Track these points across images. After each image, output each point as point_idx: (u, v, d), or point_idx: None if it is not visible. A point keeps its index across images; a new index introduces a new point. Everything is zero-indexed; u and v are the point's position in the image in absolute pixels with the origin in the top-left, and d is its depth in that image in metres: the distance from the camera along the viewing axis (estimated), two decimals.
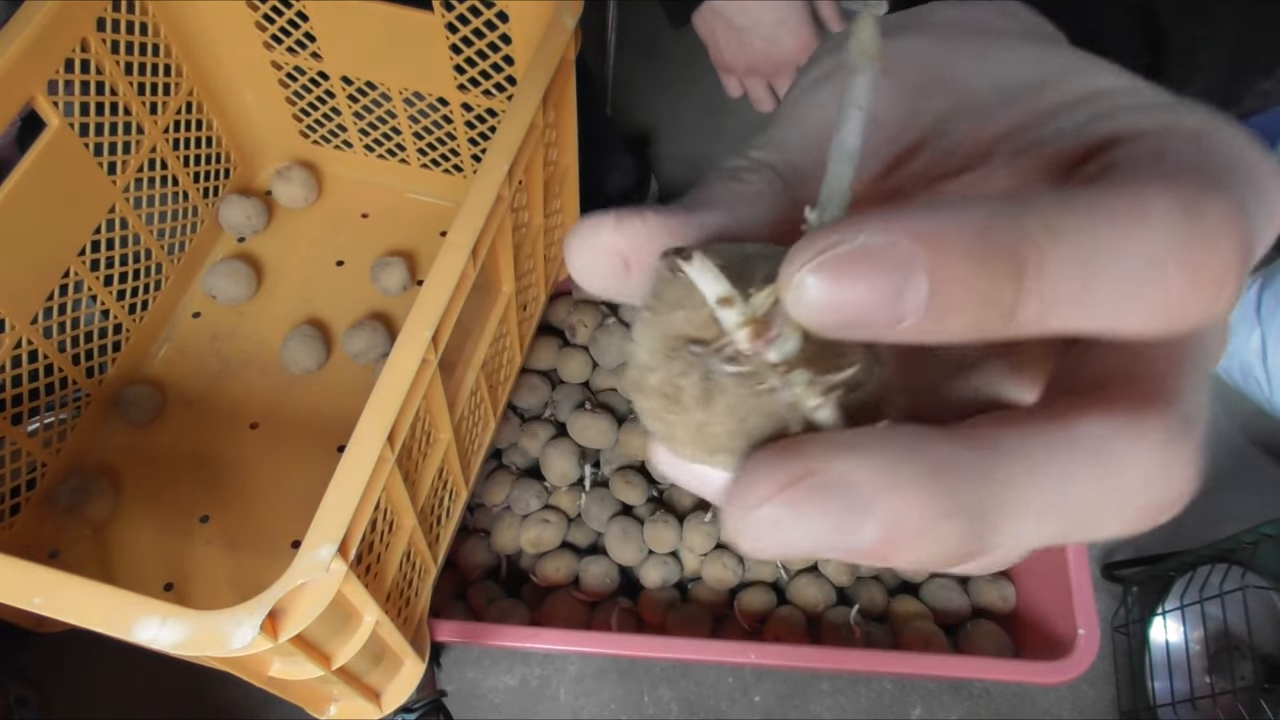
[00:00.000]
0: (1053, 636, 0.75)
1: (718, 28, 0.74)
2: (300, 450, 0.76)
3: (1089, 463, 0.13)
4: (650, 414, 0.15)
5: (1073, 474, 0.13)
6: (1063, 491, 0.13)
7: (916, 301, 0.12)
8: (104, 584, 0.44)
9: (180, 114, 0.76)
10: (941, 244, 0.12)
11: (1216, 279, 0.12)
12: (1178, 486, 0.14)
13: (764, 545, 0.13)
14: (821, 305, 0.12)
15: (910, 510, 0.12)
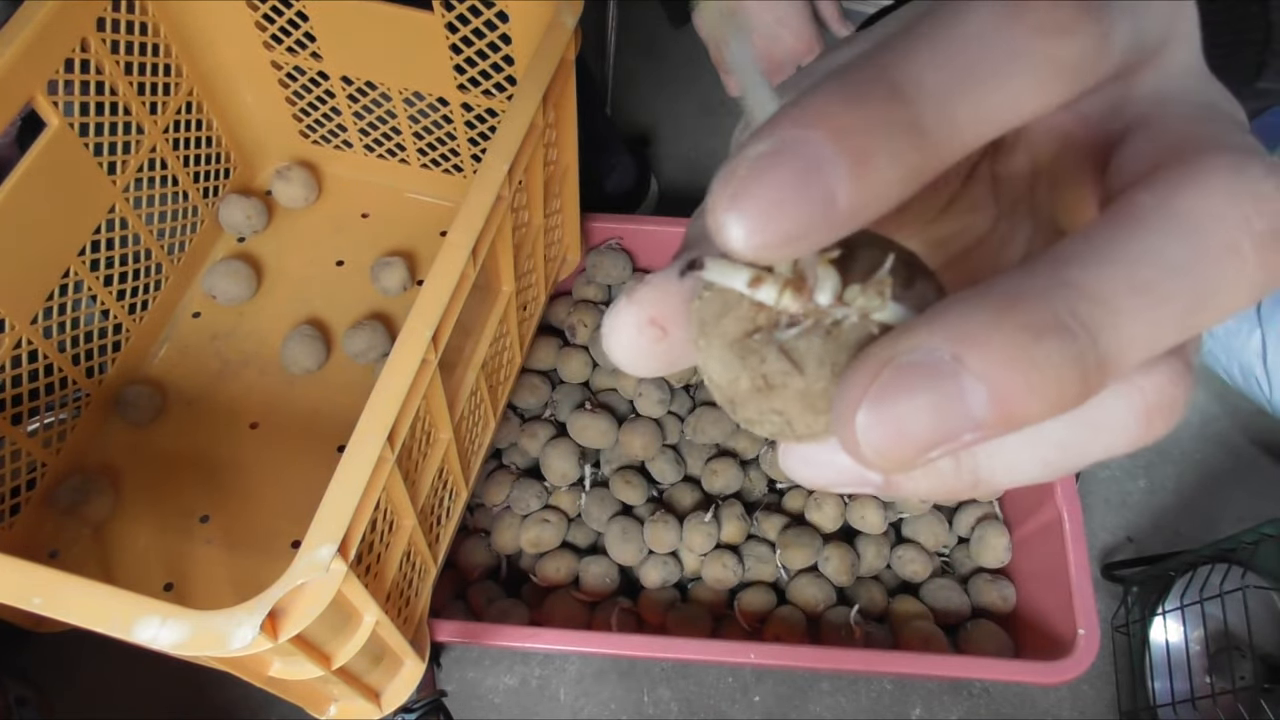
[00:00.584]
0: (1053, 636, 0.75)
1: None
2: (300, 450, 0.76)
3: (1167, 224, 0.12)
4: (761, 420, 0.14)
5: (1159, 243, 0.12)
6: (1158, 263, 0.12)
7: (834, 168, 0.12)
8: (104, 584, 0.44)
9: (180, 114, 0.76)
10: (820, 112, 0.12)
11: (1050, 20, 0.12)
12: (1276, 207, 0.12)
13: (882, 450, 0.12)
14: (748, 239, 0.12)
15: (1004, 349, 0.11)
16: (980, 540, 0.84)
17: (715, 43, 0.80)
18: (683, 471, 0.88)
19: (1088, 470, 1.06)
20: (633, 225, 0.92)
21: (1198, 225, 0.12)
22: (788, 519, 0.85)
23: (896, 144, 0.12)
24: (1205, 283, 0.12)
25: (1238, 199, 0.12)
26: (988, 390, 0.11)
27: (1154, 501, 1.05)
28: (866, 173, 0.12)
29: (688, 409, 0.90)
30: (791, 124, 0.12)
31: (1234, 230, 0.12)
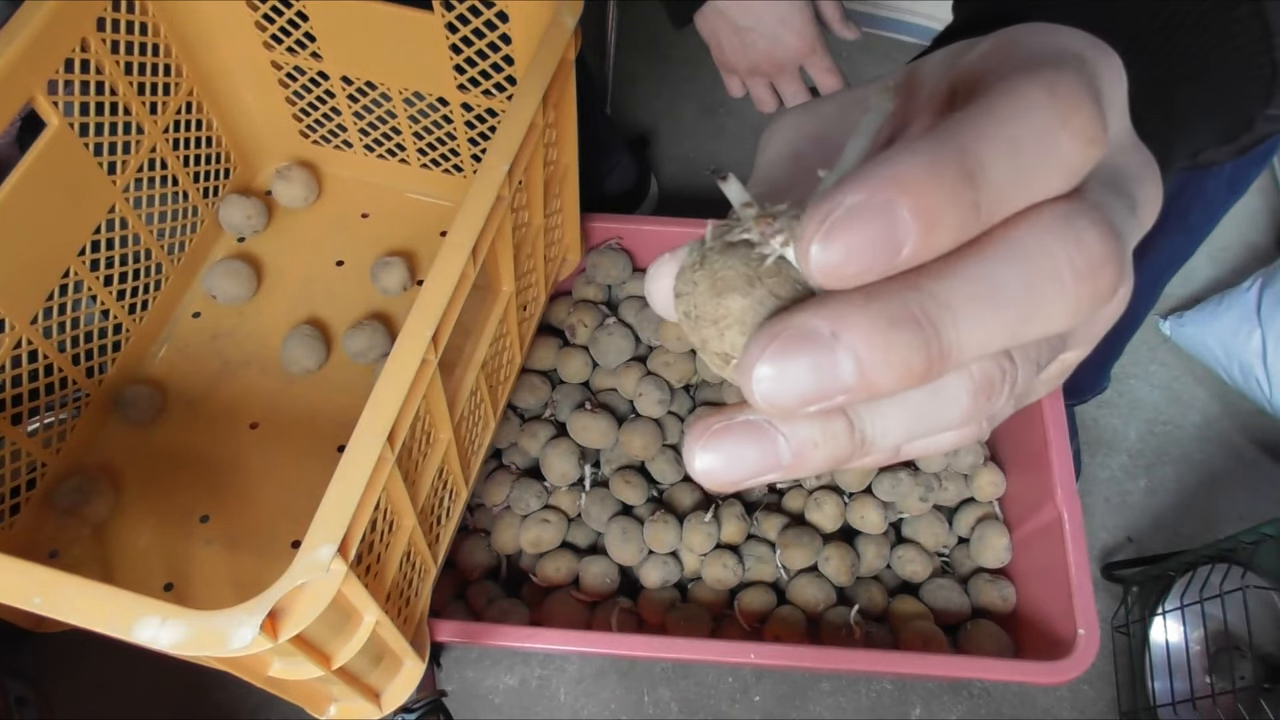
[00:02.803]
0: (1053, 636, 0.75)
1: (720, 27, 0.74)
2: (300, 450, 0.76)
3: (1007, 251, 0.16)
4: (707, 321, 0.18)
5: (998, 267, 0.16)
6: (994, 282, 0.16)
7: (907, 231, 0.15)
8: (104, 584, 0.43)
9: (180, 114, 0.76)
10: (908, 183, 0.15)
11: (1086, 132, 0.16)
12: (1093, 250, 0.16)
13: (771, 397, 0.16)
14: (830, 267, 0.15)
15: (868, 332, 0.15)
16: (980, 540, 0.84)
17: (716, 43, 0.80)
18: (683, 471, 0.88)
19: (1088, 470, 1.06)
20: (633, 225, 0.92)
21: (1029, 256, 0.16)
22: (788, 519, 0.85)
23: (960, 219, 0.15)
24: (1031, 303, 0.16)
25: (1064, 239, 0.16)
26: (854, 362, 0.15)
27: (1154, 501, 1.05)
28: (931, 239, 0.15)
29: (688, 409, 0.90)
30: (884, 187, 0.15)
31: (1059, 264, 0.16)
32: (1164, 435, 1.09)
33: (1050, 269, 0.16)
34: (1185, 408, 1.11)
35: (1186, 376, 1.13)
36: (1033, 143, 0.16)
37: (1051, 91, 0.16)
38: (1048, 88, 0.16)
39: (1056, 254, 0.16)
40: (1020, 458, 0.86)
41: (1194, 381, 1.13)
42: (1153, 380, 1.13)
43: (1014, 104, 0.16)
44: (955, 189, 0.15)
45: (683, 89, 1.36)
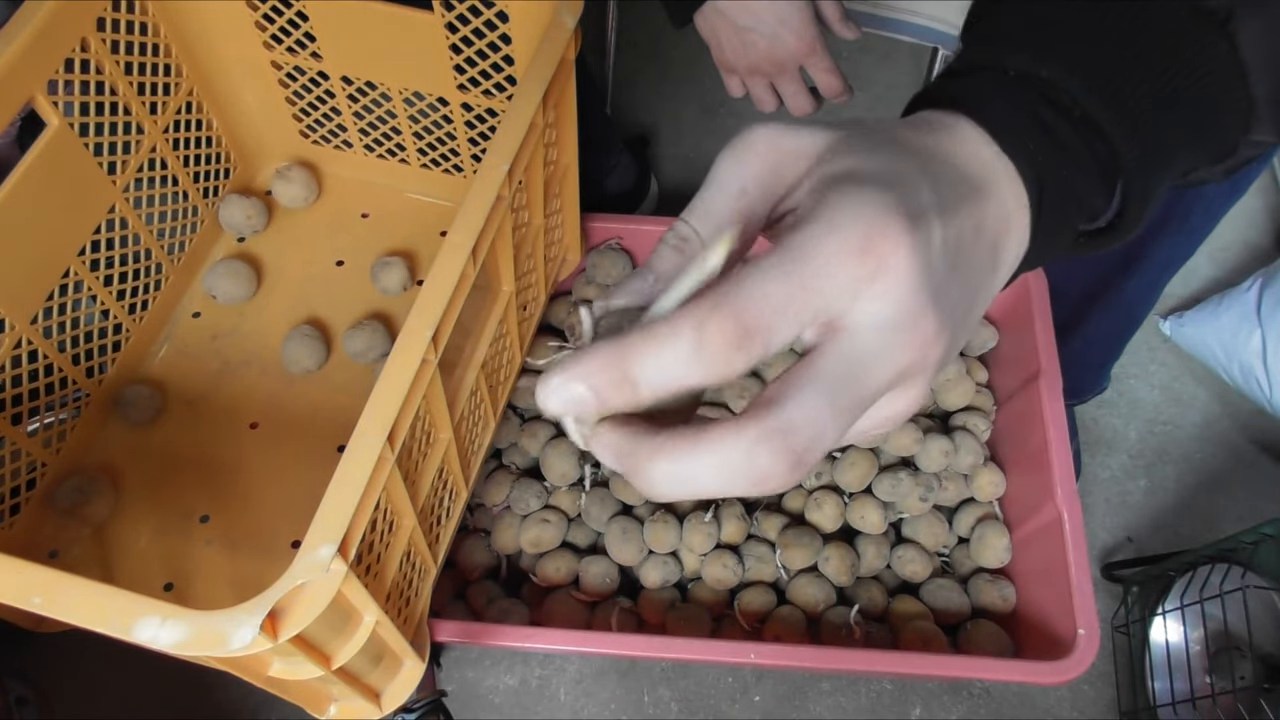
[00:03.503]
0: (1053, 636, 0.75)
1: (720, 27, 0.74)
2: (300, 450, 0.76)
3: (704, 444, 0.23)
4: None
5: (694, 462, 0.23)
6: (691, 469, 0.23)
7: (584, 399, 0.23)
8: (104, 584, 0.44)
9: (180, 114, 0.76)
10: (587, 376, 0.23)
11: (718, 356, 0.22)
12: (760, 469, 0.22)
13: (550, 403, 0.24)
14: (551, 405, 0.24)
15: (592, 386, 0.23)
16: (980, 540, 0.84)
17: (716, 43, 0.80)
18: None
19: (1088, 470, 1.06)
20: (633, 225, 0.92)
21: (719, 460, 0.23)
22: (788, 519, 0.85)
23: (618, 399, 0.23)
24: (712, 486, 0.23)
25: (745, 459, 0.22)
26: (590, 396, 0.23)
27: (1154, 501, 1.05)
28: (604, 402, 0.23)
29: None
30: (574, 377, 0.23)
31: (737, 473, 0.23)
32: (1164, 435, 1.09)
33: (729, 473, 0.23)
34: (1185, 408, 1.11)
35: (1186, 376, 1.13)
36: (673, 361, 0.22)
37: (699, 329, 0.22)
38: (695, 324, 0.22)
39: (738, 466, 0.22)
40: (1020, 458, 0.86)
41: (1194, 381, 1.13)
42: (1153, 380, 1.13)
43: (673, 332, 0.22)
44: (618, 387, 0.23)
45: (683, 89, 1.36)
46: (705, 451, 0.23)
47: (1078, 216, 0.30)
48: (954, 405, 0.90)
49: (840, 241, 0.23)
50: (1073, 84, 0.28)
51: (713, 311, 0.22)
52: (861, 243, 0.23)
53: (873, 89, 1.36)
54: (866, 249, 0.23)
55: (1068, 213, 0.29)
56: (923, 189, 0.24)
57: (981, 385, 0.92)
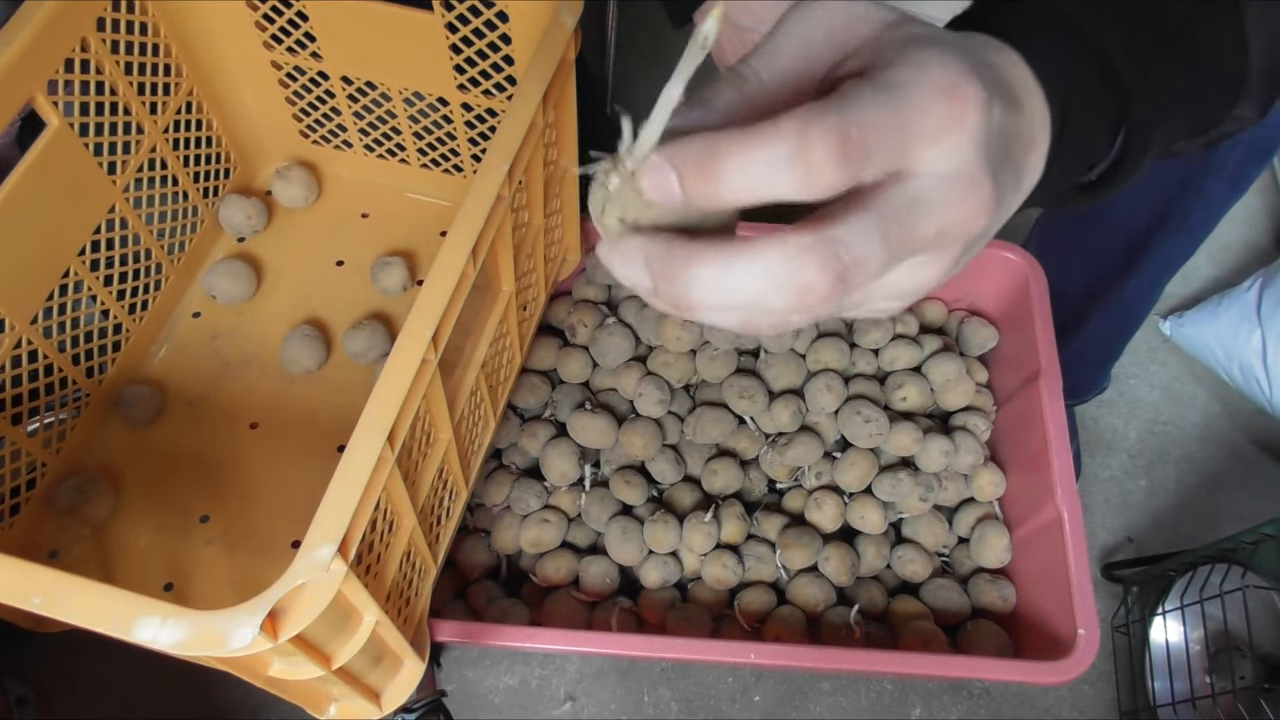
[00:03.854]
0: (1053, 636, 0.75)
1: (722, 28, 0.74)
2: (300, 450, 0.76)
3: (753, 252, 0.23)
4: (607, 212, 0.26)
5: (736, 260, 0.23)
6: (733, 264, 0.23)
7: (668, 186, 0.23)
8: (104, 584, 0.43)
9: (180, 114, 0.76)
10: (678, 160, 0.23)
11: (814, 168, 0.22)
12: (806, 278, 0.22)
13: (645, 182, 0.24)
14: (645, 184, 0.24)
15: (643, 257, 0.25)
16: (980, 540, 0.84)
17: (715, 43, 0.80)
18: (683, 471, 0.88)
19: (1088, 470, 1.06)
20: None
21: (762, 267, 0.23)
22: (788, 519, 0.85)
23: (704, 192, 0.23)
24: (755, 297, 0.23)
25: (789, 267, 0.23)
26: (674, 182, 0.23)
27: (1154, 501, 1.05)
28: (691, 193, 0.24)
29: (688, 409, 0.90)
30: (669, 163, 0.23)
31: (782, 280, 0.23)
32: (1164, 435, 1.09)
33: (774, 281, 0.23)
34: (1185, 408, 1.11)
35: (1186, 376, 1.13)
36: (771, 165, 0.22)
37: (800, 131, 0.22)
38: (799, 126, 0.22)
39: (784, 272, 0.22)
40: (1020, 458, 0.85)
41: (1194, 381, 1.13)
42: (1153, 380, 1.13)
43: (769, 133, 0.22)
44: (706, 179, 0.23)
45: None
46: (752, 256, 0.23)
47: (1081, 162, 0.31)
48: (954, 405, 0.90)
49: (933, 83, 0.23)
50: (1108, 36, 0.30)
51: (819, 120, 0.22)
52: (950, 88, 0.23)
53: None
54: (954, 94, 0.23)
55: (1076, 152, 0.30)
56: (985, 73, 0.25)
57: (981, 385, 0.92)
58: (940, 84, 0.23)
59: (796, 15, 0.27)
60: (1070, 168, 0.30)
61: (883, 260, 0.23)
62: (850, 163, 0.22)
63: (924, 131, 0.23)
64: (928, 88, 0.23)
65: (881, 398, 0.89)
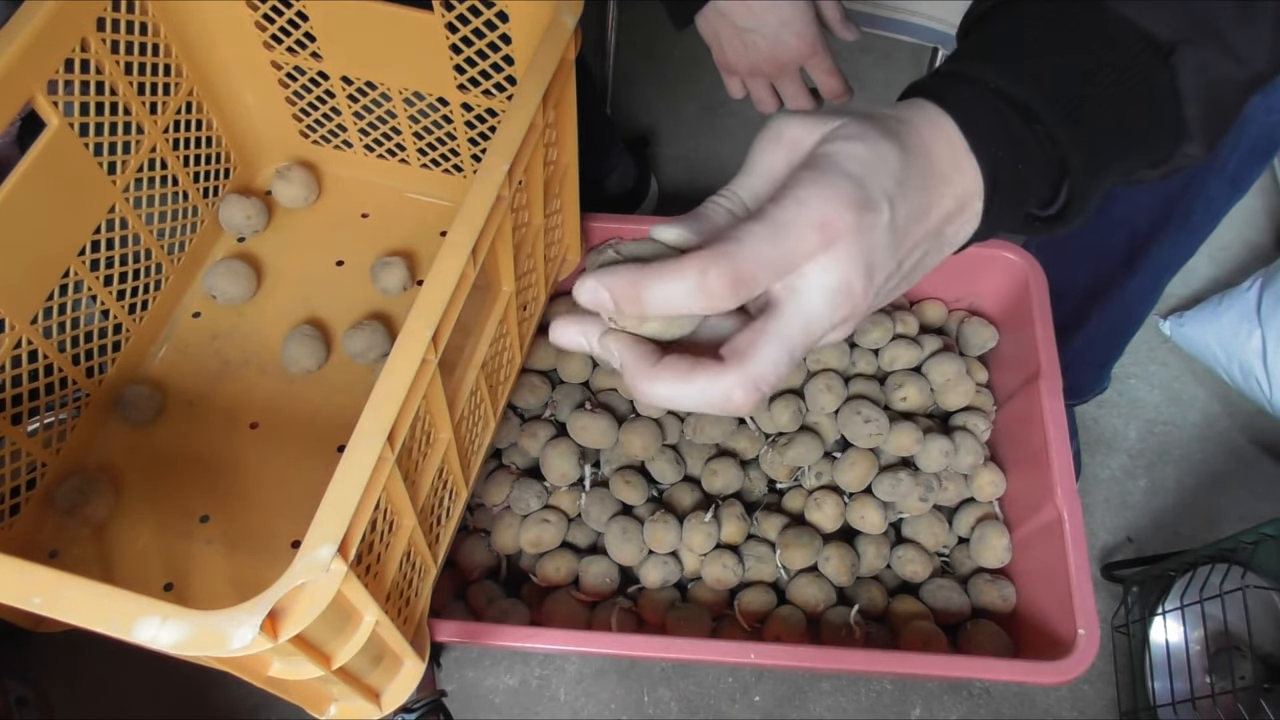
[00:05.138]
0: (1053, 636, 0.75)
1: (721, 28, 0.74)
2: (300, 450, 0.76)
3: (694, 381, 0.31)
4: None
5: (670, 383, 0.31)
6: (666, 388, 0.31)
7: (603, 302, 0.32)
8: (104, 584, 0.43)
9: (180, 114, 0.76)
10: (611, 285, 0.31)
11: (713, 296, 0.30)
12: (734, 403, 0.31)
13: (581, 296, 0.32)
14: (581, 298, 0.32)
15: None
16: (980, 540, 0.84)
17: (717, 44, 0.80)
18: (683, 471, 0.88)
19: (1088, 470, 1.06)
20: (633, 225, 0.92)
21: (702, 391, 0.31)
22: (788, 519, 0.85)
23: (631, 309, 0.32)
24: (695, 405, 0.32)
25: (719, 397, 0.31)
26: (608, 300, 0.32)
27: (1154, 501, 1.05)
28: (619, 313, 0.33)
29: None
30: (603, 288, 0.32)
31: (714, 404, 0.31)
32: (1164, 435, 1.09)
33: (710, 398, 0.31)
34: (1185, 408, 1.11)
35: (1186, 376, 1.13)
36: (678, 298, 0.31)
37: (700, 271, 0.30)
38: (699, 267, 0.30)
39: (716, 399, 0.31)
40: (1020, 458, 0.86)
41: (1194, 381, 1.13)
42: (1153, 380, 1.13)
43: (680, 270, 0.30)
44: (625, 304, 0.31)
45: (683, 89, 1.36)
46: (694, 385, 0.31)
47: (1026, 204, 0.37)
48: (954, 405, 0.90)
49: (809, 219, 0.30)
50: (1038, 102, 0.35)
51: (715, 261, 0.29)
52: (823, 223, 0.30)
53: (872, 89, 1.36)
54: (826, 227, 0.30)
55: (1018, 201, 0.36)
56: (886, 178, 0.31)
57: (981, 385, 0.92)
58: (815, 220, 0.30)
59: (762, 150, 0.35)
60: (1012, 212, 0.36)
61: (790, 368, 0.31)
62: (740, 290, 0.30)
63: (803, 256, 0.30)
64: (803, 224, 0.30)
65: (881, 398, 0.89)
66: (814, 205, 0.30)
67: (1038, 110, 0.34)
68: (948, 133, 0.33)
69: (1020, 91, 0.35)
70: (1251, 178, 0.76)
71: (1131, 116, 0.36)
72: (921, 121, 0.34)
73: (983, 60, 0.36)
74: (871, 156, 0.32)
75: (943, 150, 0.33)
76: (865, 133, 0.32)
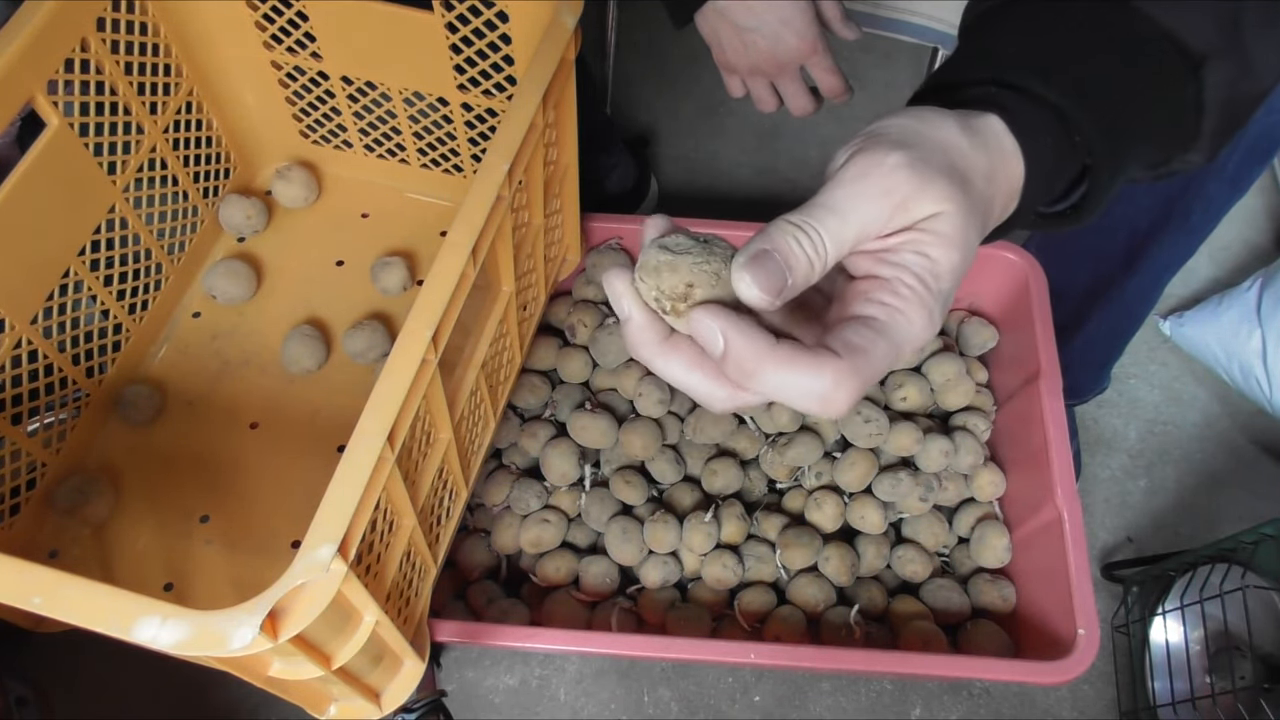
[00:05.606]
0: (1053, 636, 0.75)
1: (721, 28, 0.74)
2: (300, 450, 0.76)
3: (794, 371, 0.29)
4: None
5: (786, 370, 0.29)
6: (779, 375, 0.30)
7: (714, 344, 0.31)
8: (104, 584, 0.43)
9: (180, 114, 0.76)
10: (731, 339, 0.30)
11: (833, 407, 0.30)
12: (839, 400, 0.30)
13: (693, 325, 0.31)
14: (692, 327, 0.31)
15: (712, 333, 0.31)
16: (980, 540, 0.84)
17: (717, 43, 0.80)
18: (683, 471, 0.88)
19: (1088, 470, 1.06)
20: (632, 225, 0.92)
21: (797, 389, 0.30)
22: (788, 519, 0.85)
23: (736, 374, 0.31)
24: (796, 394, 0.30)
25: (814, 391, 0.30)
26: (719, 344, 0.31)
27: (1154, 501, 1.05)
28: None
29: (688, 409, 0.90)
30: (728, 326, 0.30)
31: (809, 401, 0.30)
32: (1164, 435, 1.09)
33: (808, 390, 0.29)
34: (1185, 408, 1.11)
35: (1186, 376, 1.13)
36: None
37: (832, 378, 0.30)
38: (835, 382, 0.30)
39: (811, 394, 0.29)
40: (1020, 458, 0.86)
41: (1194, 381, 1.13)
42: (1153, 380, 1.13)
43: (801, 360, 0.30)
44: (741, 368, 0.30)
45: (683, 89, 1.36)
46: (807, 370, 0.29)
47: (1042, 201, 0.37)
48: (954, 405, 0.90)
49: (916, 331, 0.31)
50: (1078, 114, 0.35)
51: (850, 378, 0.29)
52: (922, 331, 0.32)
53: (872, 88, 1.36)
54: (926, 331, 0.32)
55: (1041, 194, 0.36)
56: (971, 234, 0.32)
57: (981, 385, 0.92)
58: (917, 332, 0.31)
59: (863, 193, 0.32)
60: (1034, 206, 0.37)
61: (886, 371, 0.31)
62: (857, 400, 0.30)
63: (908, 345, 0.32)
64: (910, 335, 0.31)
65: (881, 398, 0.89)
66: (915, 317, 0.31)
67: (1073, 115, 0.35)
68: (1001, 140, 0.34)
69: (1063, 101, 0.35)
70: (1251, 178, 0.76)
71: (1157, 122, 0.37)
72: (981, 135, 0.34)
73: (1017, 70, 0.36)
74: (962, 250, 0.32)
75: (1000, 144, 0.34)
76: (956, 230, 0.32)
